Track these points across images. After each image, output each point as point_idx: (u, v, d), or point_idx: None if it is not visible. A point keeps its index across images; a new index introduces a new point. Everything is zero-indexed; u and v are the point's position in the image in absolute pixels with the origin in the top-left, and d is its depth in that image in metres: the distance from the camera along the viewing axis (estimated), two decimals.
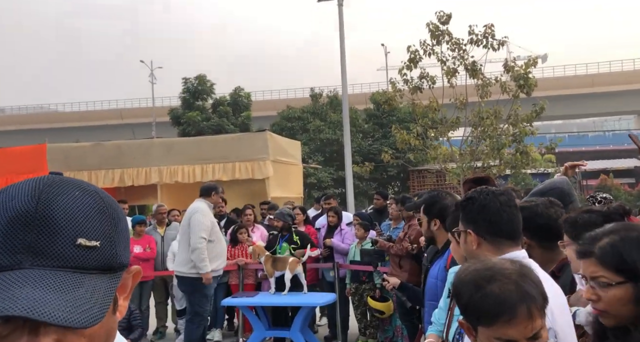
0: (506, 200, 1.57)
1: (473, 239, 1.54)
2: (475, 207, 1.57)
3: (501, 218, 1.53)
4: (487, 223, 1.53)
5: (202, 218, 4.79)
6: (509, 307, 1.02)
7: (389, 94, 12.46)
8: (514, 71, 10.86)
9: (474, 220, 1.56)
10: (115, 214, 0.54)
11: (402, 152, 16.92)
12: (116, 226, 0.53)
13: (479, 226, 1.54)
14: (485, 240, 1.53)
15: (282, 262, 4.99)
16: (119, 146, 9.64)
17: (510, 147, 11.41)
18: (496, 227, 1.52)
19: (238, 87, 25.25)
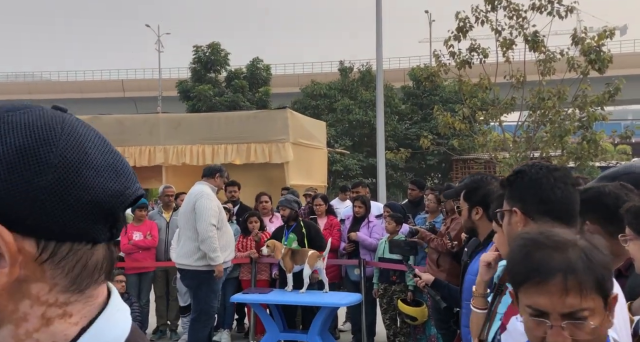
0: (561, 176, 1.56)
1: (519, 219, 1.54)
2: (525, 183, 1.56)
3: (554, 195, 1.52)
4: (537, 201, 1.53)
5: (209, 203, 4.82)
6: (543, 269, 1.04)
7: (431, 69, 12.34)
8: (584, 44, 10.57)
9: (521, 197, 1.55)
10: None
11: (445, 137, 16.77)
12: None
13: (527, 204, 1.54)
14: (533, 220, 1.52)
15: (301, 255, 5.07)
16: (120, 121, 9.87)
17: (575, 135, 11.17)
18: (547, 206, 1.51)
19: (256, 58, 25.37)
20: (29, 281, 0.55)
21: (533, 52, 10.86)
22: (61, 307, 0.57)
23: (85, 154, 0.57)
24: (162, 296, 6.39)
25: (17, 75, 47.87)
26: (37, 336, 0.56)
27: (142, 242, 6.00)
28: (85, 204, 0.56)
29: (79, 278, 0.57)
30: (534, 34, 10.74)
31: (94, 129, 0.61)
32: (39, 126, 0.56)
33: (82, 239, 0.57)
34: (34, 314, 0.56)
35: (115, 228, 0.61)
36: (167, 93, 33.83)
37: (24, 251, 0.54)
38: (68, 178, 0.55)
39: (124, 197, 0.59)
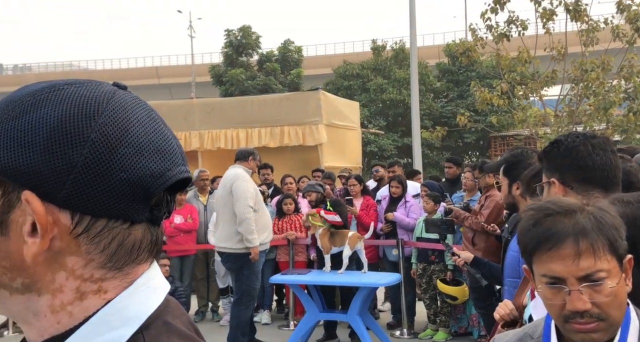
0: (600, 142, 1.53)
1: (558, 189, 1.52)
2: (561, 152, 1.54)
3: (592, 162, 1.49)
4: (575, 169, 1.51)
5: (246, 185, 4.86)
6: (553, 235, 1.04)
7: (467, 44, 12.03)
8: (630, 11, 10.09)
9: (559, 167, 1.54)
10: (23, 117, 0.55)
11: (483, 114, 16.43)
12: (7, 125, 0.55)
13: (565, 173, 1.52)
14: (572, 190, 1.50)
15: (341, 236, 5.10)
16: (155, 107, 9.65)
17: (621, 107, 10.77)
18: (586, 173, 1.49)
19: (287, 40, 25.33)
20: (64, 253, 0.56)
21: (575, 22, 10.44)
22: (96, 282, 0.57)
23: (126, 131, 0.56)
24: (202, 278, 6.55)
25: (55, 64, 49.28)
26: (71, 309, 0.56)
27: (184, 225, 6.15)
28: (121, 182, 0.55)
29: (115, 255, 0.57)
30: (576, 3, 10.31)
31: (148, 109, 0.60)
32: (85, 100, 0.56)
33: (118, 216, 0.57)
34: (69, 287, 0.56)
35: (158, 209, 0.60)
36: (200, 78, 34.21)
37: (59, 223, 0.55)
38: (104, 154, 0.54)
39: (164, 179, 0.58)
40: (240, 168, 5.01)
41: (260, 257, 5.03)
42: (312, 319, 5.15)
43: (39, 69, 48.91)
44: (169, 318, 0.59)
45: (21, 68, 51.08)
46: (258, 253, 4.92)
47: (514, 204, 2.44)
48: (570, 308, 1.03)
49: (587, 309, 1.02)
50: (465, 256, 3.06)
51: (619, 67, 10.47)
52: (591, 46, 10.40)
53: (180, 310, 0.62)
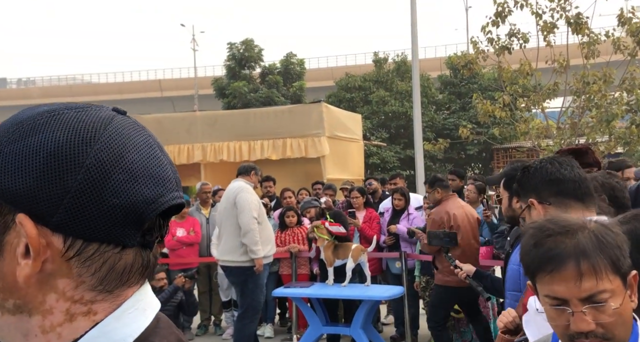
0: (566, 161, 1.63)
1: (538, 208, 1.59)
2: (532, 173, 1.64)
3: (563, 176, 1.59)
4: (548, 184, 1.59)
5: (250, 196, 4.89)
6: (554, 257, 1.03)
7: (469, 57, 12.08)
8: (632, 24, 10.15)
9: (533, 187, 1.63)
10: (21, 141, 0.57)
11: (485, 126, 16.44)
12: (5, 148, 0.57)
13: (540, 192, 1.61)
14: (551, 205, 1.58)
15: (344, 249, 5.09)
16: (158, 120, 10.11)
17: (623, 119, 10.77)
18: (559, 186, 1.58)
19: (290, 53, 25.49)
20: (55, 275, 0.57)
21: (576, 35, 10.50)
22: (86, 304, 0.58)
23: (121, 157, 0.57)
24: (205, 292, 6.52)
25: (59, 78, 49.63)
26: (60, 330, 0.57)
27: (186, 238, 6.15)
28: (113, 208, 0.56)
29: (106, 279, 0.58)
30: (577, 16, 10.37)
31: (145, 134, 0.61)
32: (82, 126, 0.57)
33: (110, 241, 0.57)
34: (59, 308, 0.58)
35: (150, 234, 0.61)
36: (203, 91, 34.40)
37: (52, 245, 0.56)
38: (98, 180, 0.56)
39: (157, 205, 0.59)
40: (243, 182, 5.04)
41: (264, 270, 5.01)
42: (315, 332, 5.12)
43: (42, 83, 49.25)
44: (157, 340, 0.59)
45: (25, 82, 51.45)
46: (262, 265, 4.89)
47: (514, 217, 2.44)
48: (575, 329, 1.02)
49: (591, 329, 1.01)
50: (467, 269, 3.06)
51: (621, 80, 10.49)
52: (592, 59, 10.43)
53: (170, 329, 0.63)
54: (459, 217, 4.63)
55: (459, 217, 4.64)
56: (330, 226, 5.24)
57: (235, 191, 4.96)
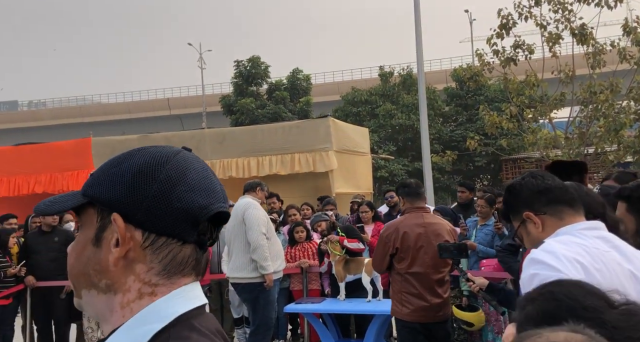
0: (544, 174, 1.70)
1: (535, 220, 1.64)
2: (518, 190, 1.70)
3: (550, 185, 1.66)
4: (538, 194, 1.65)
5: (258, 212, 4.88)
6: None
7: (475, 69, 12.12)
8: (637, 33, 10.15)
9: (524, 202, 1.68)
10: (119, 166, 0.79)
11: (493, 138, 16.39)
12: (109, 171, 0.79)
13: (532, 204, 1.66)
14: (546, 214, 1.64)
15: (356, 264, 5.06)
16: (167, 138, 10.19)
17: (631, 128, 10.71)
18: (549, 194, 1.64)
19: (296, 68, 25.68)
20: (135, 261, 0.76)
21: (581, 45, 10.51)
22: (151, 287, 0.76)
23: (184, 175, 0.78)
24: (216, 309, 6.49)
25: (69, 99, 50.27)
26: (133, 306, 0.76)
27: None
28: (177, 210, 0.76)
29: (168, 266, 0.77)
30: (582, 26, 10.40)
31: (203, 163, 0.83)
32: (159, 154, 0.79)
33: (174, 236, 0.77)
34: (134, 288, 0.76)
35: (204, 235, 0.79)
36: (211, 108, 34.66)
37: (134, 238, 0.76)
38: (167, 190, 0.76)
39: (208, 210, 0.78)
40: (250, 198, 5.06)
41: (274, 285, 4.98)
42: None
43: (53, 104, 49.87)
44: (196, 322, 0.75)
45: (36, 104, 52.11)
46: (272, 280, 4.87)
47: None
48: None
49: None
50: (480, 282, 3.02)
51: (628, 89, 10.46)
52: (599, 68, 10.44)
53: (213, 321, 0.79)
54: (411, 238, 3.68)
55: (413, 238, 3.68)
56: (349, 242, 5.22)
57: (243, 207, 4.95)
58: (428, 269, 3.70)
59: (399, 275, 3.76)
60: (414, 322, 3.69)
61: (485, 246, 5.26)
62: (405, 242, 3.71)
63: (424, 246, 3.70)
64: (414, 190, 3.85)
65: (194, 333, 0.73)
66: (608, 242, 1.53)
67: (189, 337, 0.72)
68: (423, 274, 3.69)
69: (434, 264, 3.70)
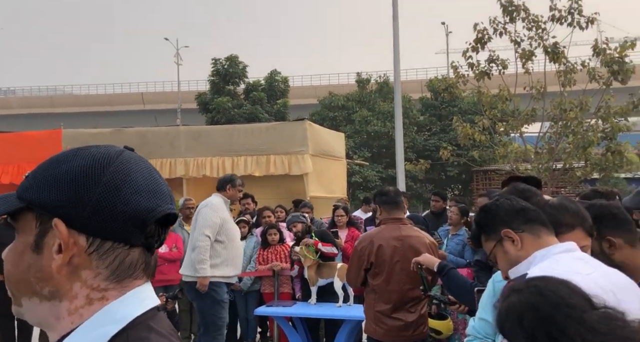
0: (524, 189, 1.79)
1: (514, 237, 1.66)
2: (494, 211, 1.72)
3: (525, 205, 1.69)
4: (515, 214, 1.68)
5: (210, 213, 4.66)
6: None
7: (449, 81, 12.34)
8: (606, 55, 10.50)
9: (501, 221, 1.69)
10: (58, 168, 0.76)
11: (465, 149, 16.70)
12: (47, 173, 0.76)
13: (510, 222, 1.68)
14: (524, 232, 1.66)
15: (329, 268, 5.08)
16: (141, 134, 10.03)
17: (599, 146, 11.06)
18: (526, 214, 1.67)
19: (274, 70, 25.64)
20: (80, 267, 0.74)
21: (553, 63, 10.81)
22: (101, 292, 0.74)
23: (129, 177, 0.76)
24: (185, 310, 6.41)
25: (40, 89, 48.97)
26: (82, 312, 0.74)
27: (168, 255, 6.05)
28: (122, 214, 0.74)
29: (117, 270, 0.75)
30: (554, 45, 10.70)
31: (147, 164, 0.80)
32: (101, 155, 0.77)
33: (120, 240, 0.75)
34: (82, 294, 0.74)
35: (151, 238, 0.78)
36: (186, 105, 34.29)
37: (78, 243, 0.74)
38: (111, 193, 0.74)
39: (155, 213, 0.77)
40: (218, 197, 4.83)
41: (221, 288, 4.70)
42: None
43: (22, 93, 48.51)
44: (153, 323, 0.74)
45: (5, 91, 50.60)
46: (206, 284, 4.58)
47: None
48: None
49: None
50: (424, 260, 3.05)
51: (596, 108, 10.80)
52: (569, 86, 10.74)
53: (167, 322, 0.78)
54: (387, 252, 3.42)
55: (388, 252, 3.42)
56: (323, 246, 5.23)
57: (201, 205, 4.83)
58: (405, 286, 3.42)
59: (373, 292, 3.49)
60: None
61: (456, 256, 5.35)
62: (380, 256, 3.42)
63: (400, 261, 3.40)
64: (392, 199, 3.55)
65: (152, 334, 0.73)
66: (587, 263, 1.56)
67: (148, 338, 0.72)
68: (399, 291, 3.42)
69: (411, 280, 3.38)
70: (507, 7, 10.88)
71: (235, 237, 4.85)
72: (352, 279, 3.67)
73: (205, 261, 4.59)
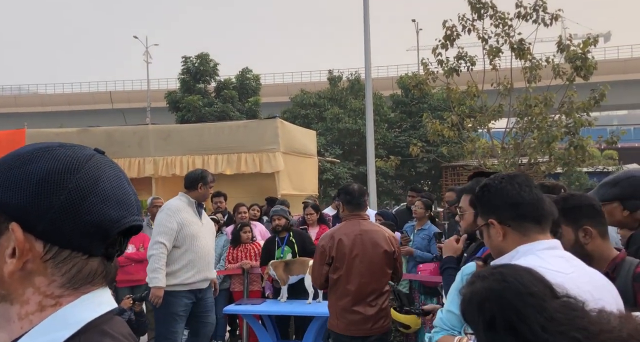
0: (524, 180, 1.66)
1: (498, 229, 1.63)
2: (492, 194, 1.65)
3: (522, 198, 1.61)
4: (509, 207, 1.61)
5: (166, 218, 4.32)
6: None
7: (419, 78, 12.44)
8: (570, 51, 10.74)
9: (494, 208, 1.65)
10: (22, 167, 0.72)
11: (434, 145, 16.90)
12: (10, 173, 0.72)
13: (500, 213, 1.63)
14: (510, 227, 1.62)
15: (300, 265, 5.04)
16: (109, 133, 9.83)
17: (562, 141, 11.31)
18: (519, 210, 1.60)
19: (245, 68, 25.43)
20: (34, 273, 0.71)
21: (519, 59, 11.00)
22: (55, 299, 0.72)
23: (96, 185, 0.73)
24: (152, 310, 6.32)
25: (3, 87, 47.50)
26: (32, 318, 0.71)
27: (135, 255, 5.96)
28: (86, 223, 0.71)
29: (74, 279, 0.72)
30: (520, 42, 10.89)
31: (117, 169, 0.78)
32: (69, 159, 0.73)
33: (79, 249, 0.72)
34: (34, 300, 0.72)
35: (112, 248, 0.75)
36: (155, 104, 33.77)
37: (34, 249, 0.71)
38: (76, 201, 0.71)
39: (120, 224, 0.74)
40: (182, 198, 4.46)
41: (178, 299, 4.36)
42: None
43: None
44: (107, 327, 0.72)
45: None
46: (159, 295, 4.26)
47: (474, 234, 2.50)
48: None
49: None
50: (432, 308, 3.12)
51: (560, 103, 11.04)
52: (534, 82, 10.95)
53: (123, 325, 0.76)
54: (346, 246, 3.52)
55: (348, 245, 3.52)
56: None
57: (159, 210, 4.54)
58: (363, 279, 3.50)
59: (334, 286, 3.57)
60: (348, 336, 3.55)
61: (422, 251, 5.41)
62: (340, 250, 3.51)
63: (359, 255, 3.50)
64: (356, 200, 3.64)
65: (107, 338, 0.71)
66: (567, 262, 1.55)
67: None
68: (358, 284, 3.49)
69: (371, 273, 3.51)
70: (475, 5, 11.02)
71: (198, 237, 4.43)
72: (316, 277, 3.71)
73: (158, 270, 4.24)
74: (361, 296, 3.51)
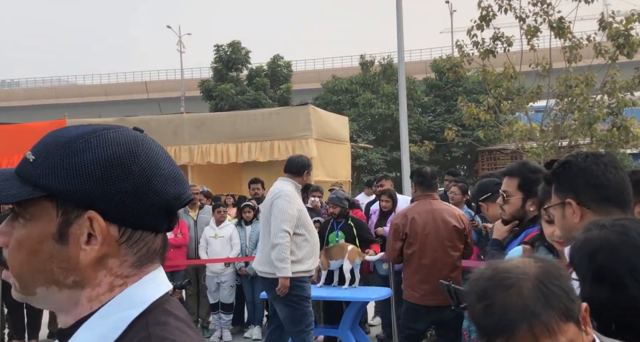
0: (610, 160, 1.53)
1: (575, 209, 1.50)
2: (574, 172, 1.52)
3: (608, 181, 1.48)
4: (592, 188, 1.49)
5: (287, 205, 4.15)
6: (506, 326, 0.97)
7: (454, 60, 12.19)
8: (612, 28, 10.31)
9: (573, 187, 1.51)
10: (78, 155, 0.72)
11: (470, 129, 16.58)
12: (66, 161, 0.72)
13: (581, 193, 1.50)
14: (589, 209, 1.49)
15: (339, 249, 5.01)
16: (145, 122, 10.01)
17: (604, 122, 10.93)
18: (603, 192, 1.48)
19: (277, 55, 25.46)
20: (108, 256, 0.74)
21: (559, 39, 10.64)
22: (123, 278, 0.75)
23: (157, 165, 0.75)
24: (192, 294, 6.48)
25: (44, 80, 48.99)
26: (102, 298, 0.74)
27: (174, 241, 6.09)
28: (154, 203, 0.74)
29: (142, 258, 0.76)
30: (560, 20, 10.51)
31: (162, 148, 0.79)
32: (126, 142, 0.74)
33: (149, 228, 0.76)
34: (105, 282, 0.74)
35: (172, 222, 0.79)
36: (189, 93, 34.23)
37: (110, 234, 0.73)
38: (143, 183, 0.73)
39: (181, 200, 0.78)
40: (289, 183, 4.27)
41: (307, 282, 4.29)
42: None
43: (27, 84, 48.56)
44: (168, 306, 0.75)
45: (9, 83, 50.68)
46: (287, 285, 4.12)
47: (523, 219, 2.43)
48: None
49: None
50: None
51: (602, 83, 10.65)
52: (575, 62, 10.58)
53: (179, 305, 0.78)
54: (419, 224, 3.91)
55: (420, 223, 3.90)
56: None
57: (274, 195, 4.26)
58: (437, 254, 3.90)
59: (409, 261, 3.96)
60: (423, 306, 3.89)
61: None
62: (413, 228, 3.91)
63: (431, 232, 3.90)
64: (427, 181, 4.10)
65: (170, 318, 0.73)
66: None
67: (167, 322, 0.72)
68: (432, 258, 3.89)
69: (443, 249, 3.90)
70: None
71: (312, 228, 4.41)
72: (390, 252, 4.13)
73: (286, 260, 4.09)
74: (435, 268, 3.85)
